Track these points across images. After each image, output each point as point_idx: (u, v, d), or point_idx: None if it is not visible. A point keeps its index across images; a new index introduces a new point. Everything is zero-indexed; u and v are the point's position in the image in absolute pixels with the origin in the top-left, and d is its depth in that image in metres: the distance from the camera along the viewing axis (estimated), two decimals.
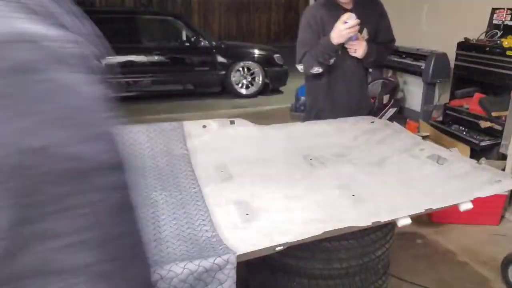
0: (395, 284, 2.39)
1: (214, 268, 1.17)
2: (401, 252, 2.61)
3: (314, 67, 2.46)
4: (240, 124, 2.33)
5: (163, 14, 8.87)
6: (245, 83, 7.39)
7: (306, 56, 2.47)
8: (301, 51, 2.51)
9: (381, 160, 2.06)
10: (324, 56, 2.38)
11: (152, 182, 1.80)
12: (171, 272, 1.12)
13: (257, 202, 1.66)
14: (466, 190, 1.65)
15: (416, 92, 4.78)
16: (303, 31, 2.53)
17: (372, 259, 1.76)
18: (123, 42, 6.83)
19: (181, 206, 1.63)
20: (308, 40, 2.48)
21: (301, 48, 2.53)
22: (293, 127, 2.46)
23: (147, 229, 1.47)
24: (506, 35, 3.55)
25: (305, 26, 2.51)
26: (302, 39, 2.54)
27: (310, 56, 2.45)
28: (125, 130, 2.11)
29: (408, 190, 1.75)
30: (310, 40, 2.47)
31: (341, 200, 1.68)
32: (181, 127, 2.20)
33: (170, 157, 2.02)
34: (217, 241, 1.36)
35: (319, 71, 2.47)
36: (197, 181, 1.81)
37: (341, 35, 2.29)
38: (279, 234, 1.38)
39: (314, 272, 1.70)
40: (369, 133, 2.37)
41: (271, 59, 7.45)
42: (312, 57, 2.43)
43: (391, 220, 1.49)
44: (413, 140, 2.16)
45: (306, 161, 2.07)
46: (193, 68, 7.08)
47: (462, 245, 2.86)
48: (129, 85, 6.72)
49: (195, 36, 7.10)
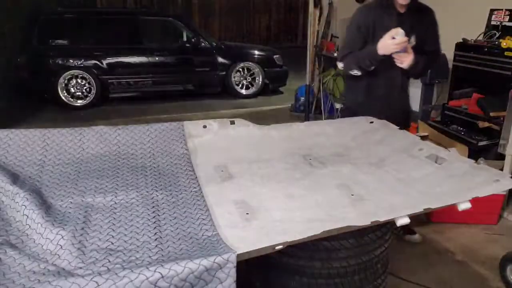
0: (394, 283, 2.40)
1: (214, 267, 1.19)
2: (400, 251, 2.63)
3: (354, 70, 2.47)
4: (240, 124, 2.34)
5: (163, 15, 8.87)
6: (245, 84, 7.40)
7: (349, 57, 2.47)
8: (345, 50, 2.52)
9: (380, 160, 2.07)
10: (365, 63, 2.39)
11: (152, 182, 1.81)
12: (172, 271, 1.13)
13: (257, 201, 1.67)
14: (465, 189, 1.66)
15: (414, 92, 4.77)
16: (350, 31, 2.52)
17: (371, 258, 1.77)
18: (124, 43, 6.85)
19: (181, 206, 1.64)
20: (353, 41, 2.48)
21: (345, 47, 2.53)
22: (293, 127, 2.47)
23: (148, 228, 1.48)
24: (504, 36, 3.56)
25: (354, 26, 2.48)
26: (348, 38, 2.54)
27: (352, 58, 2.45)
28: (126, 130, 2.13)
29: (407, 190, 1.77)
30: (355, 42, 2.46)
31: (341, 200, 1.69)
32: (182, 127, 2.21)
33: (171, 157, 2.04)
34: (217, 240, 1.37)
35: (357, 74, 2.47)
36: (197, 181, 1.83)
37: (388, 49, 2.29)
38: (279, 233, 1.40)
39: (314, 271, 1.71)
40: (368, 133, 2.38)
41: (271, 59, 7.47)
42: (354, 60, 2.44)
43: (390, 220, 1.50)
44: (412, 140, 2.18)
45: (305, 161, 2.09)
46: (194, 68, 7.09)
47: (461, 244, 2.87)
48: (130, 86, 6.74)
49: (195, 37, 7.11)
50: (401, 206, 1.60)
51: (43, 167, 1.85)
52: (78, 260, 1.29)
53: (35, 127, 2.07)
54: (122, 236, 1.44)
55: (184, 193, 1.73)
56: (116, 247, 1.38)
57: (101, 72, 6.53)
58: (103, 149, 2.03)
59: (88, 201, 1.64)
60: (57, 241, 1.36)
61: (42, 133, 2.00)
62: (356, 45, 2.45)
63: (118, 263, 1.29)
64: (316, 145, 2.29)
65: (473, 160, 1.88)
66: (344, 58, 2.50)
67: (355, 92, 2.64)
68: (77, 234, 1.41)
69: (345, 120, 2.53)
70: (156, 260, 1.30)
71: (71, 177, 1.82)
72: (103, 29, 6.76)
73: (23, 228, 1.45)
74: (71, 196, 1.67)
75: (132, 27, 6.92)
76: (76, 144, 2.01)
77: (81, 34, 6.60)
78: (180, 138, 2.15)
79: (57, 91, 6.37)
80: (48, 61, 6.36)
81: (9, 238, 1.40)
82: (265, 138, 2.32)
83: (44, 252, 1.34)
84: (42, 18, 6.48)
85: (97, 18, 6.93)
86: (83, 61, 6.45)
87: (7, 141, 1.91)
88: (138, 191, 1.72)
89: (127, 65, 6.70)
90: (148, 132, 2.14)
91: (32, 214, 1.47)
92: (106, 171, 1.88)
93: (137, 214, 1.57)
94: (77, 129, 2.08)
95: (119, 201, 1.65)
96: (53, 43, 6.46)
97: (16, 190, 1.58)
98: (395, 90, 2.57)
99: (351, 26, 2.51)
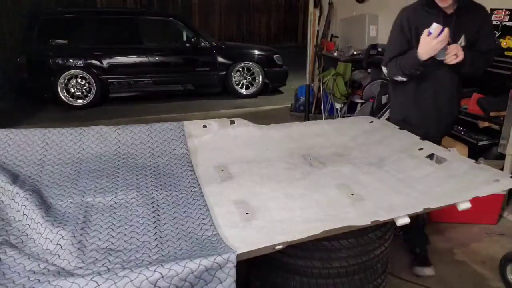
0: (394, 283, 2.40)
1: (214, 267, 1.19)
2: (400, 251, 2.63)
3: (398, 76, 2.32)
4: (240, 124, 2.34)
5: (163, 15, 8.87)
6: (245, 84, 7.41)
7: (392, 62, 2.32)
8: (388, 54, 2.37)
9: (380, 159, 2.07)
10: (410, 70, 2.23)
11: (152, 182, 1.81)
12: (172, 271, 1.13)
13: (257, 201, 1.67)
14: (465, 189, 1.66)
15: None
16: (393, 34, 2.37)
17: (371, 258, 1.77)
18: (124, 43, 6.85)
19: (181, 206, 1.64)
20: (396, 45, 2.33)
21: (388, 51, 2.38)
22: (293, 127, 2.47)
23: (148, 228, 1.48)
24: (505, 36, 3.56)
25: (397, 29, 2.33)
26: (391, 42, 2.40)
27: (395, 64, 2.29)
28: (126, 130, 2.13)
29: (406, 190, 1.77)
30: (399, 46, 2.32)
31: (341, 200, 1.69)
32: (182, 127, 2.21)
33: (171, 157, 2.04)
34: (217, 240, 1.38)
35: (403, 80, 2.32)
36: (197, 181, 1.83)
37: (430, 49, 2.10)
38: (279, 233, 1.40)
39: (314, 271, 1.71)
40: (368, 133, 2.38)
41: (271, 59, 7.48)
42: (397, 67, 2.28)
43: (390, 219, 1.50)
44: (412, 140, 2.18)
45: (305, 161, 2.09)
46: (194, 68, 7.10)
47: (461, 244, 2.87)
48: (130, 86, 6.74)
49: (195, 36, 7.12)
50: (401, 206, 1.60)
51: (43, 167, 1.86)
52: (78, 260, 1.29)
53: (35, 127, 2.07)
54: (122, 236, 1.44)
55: (184, 193, 1.73)
56: (116, 247, 1.38)
57: (101, 71, 6.52)
58: (103, 149, 2.03)
59: (88, 201, 1.64)
60: (57, 241, 1.36)
61: (42, 133, 2.00)
62: (398, 48, 2.31)
63: (118, 263, 1.29)
64: (316, 145, 2.30)
65: (473, 160, 1.88)
66: (388, 62, 2.35)
67: (401, 99, 2.48)
68: (77, 234, 1.41)
69: (345, 120, 2.53)
70: (156, 260, 1.30)
71: (71, 177, 1.82)
72: (103, 29, 6.75)
73: (23, 228, 1.45)
74: (71, 196, 1.67)
75: (132, 27, 6.91)
76: (76, 144, 2.01)
77: (81, 34, 6.59)
78: (180, 138, 2.15)
79: (57, 91, 6.37)
80: (48, 61, 6.36)
81: (9, 238, 1.40)
82: (265, 138, 2.32)
83: (44, 252, 1.34)
84: (42, 18, 6.47)
85: (97, 18, 6.92)
86: (83, 61, 6.45)
87: (7, 141, 1.91)
88: (138, 191, 1.72)
89: (127, 65, 6.70)
90: (148, 132, 2.14)
91: (32, 214, 1.47)
92: (106, 171, 1.88)
93: (137, 214, 1.57)
94: (77, 129, 2.08)
95: (119, 201, 1.65)
96: (53, 43, 6.45)
97: (16, 190, 1.58)
98: (444, 92, 2.36)
99: (394, 27, 2.36)
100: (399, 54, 2.29)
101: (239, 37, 13.90)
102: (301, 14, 14.57)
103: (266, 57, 7.48)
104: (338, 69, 5.01)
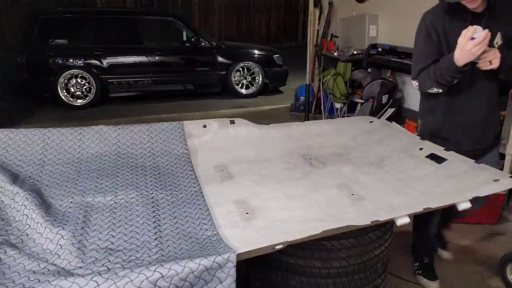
0: (394, 282, 2.40)
1: (214, 267, 1.19)
2: (400, 251, 2.63)
3: (433, 88, 2.06)
4: (240, 124, 2.34)
5: (163, 14, 8.87)
6: (245, 83, 7.41)
7: (423, 74, 2.07)
8: (417, 66, 2.10)
9: (380, 159, 2.07)
10: (446, 78, 1.96)
11: (152, 181, 1.81)
12: (172, 271, 1.13)
13: (257, 201, 1.67)
14: (465, 189, 1.66)
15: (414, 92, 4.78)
16: (420, 42, 2.12)
17: (371, 258, 1.77)
18: (124, 43, 6.85)
19: (181, 205, 1.64)
20: (425, 54, 2.07)
21: (417, 62, 2.11)
22: (293, 127, 2.47)
23: (148, 228, 1.48)
24: None
25: (423, 36, 2.08)
26: (418, 52, 2.13)
27: (427, 75, 2.04)
28: (126, 130, 2.13)
29: (406, 190, 1.77)
30: (428, 55, 2.06)
31: (341, 200, 1.70)
32: (182, 127, 2.21)
33: (171, 157, 2.04)
34: (217, 240, 1.38)
35: (438, 91, 2.06)
36: (197, 181, 1.83)
37: (470, 54, 1.84)
38: (279, 233, 1.40)
39: (314, 270, 1.71)
40: (368, 133, 2.38)
41: (270, 59, 7.48)
42: (430, 78, 2.02)
43: (390, 219, 1.50)
44: (412, 140, 2.18)
45: (305, 161, 2.09)
46: (194, 68, 7.10)
47: (460, 243, 2.87)
48: (130, 85, 6.74)
49: (195, 36, 7.12)
50: (401, 206, 1.61)
51: (43, 167, 1.86)
52: (78, 260, 1.29)
53: (35, 127, 2.07)
54: (122, 235, 1.44)
55: (184, 192, 1.73)
56: (116, 246, 1.38)
57: (101, 71, 6.52)
58: (103, 149, 2.03)
59: (88, 201, 1.64)
60: (57, 241, 1.36)
61: (42, 133, 2.00)
62: (428, 57, 2.06)
63: (118, 263, 1.29)
64: (316, 145, 2.30)
65: (473, 160, 1.88)
66: (418, 75, 2.11)
67: (432, 110, 2.23)
68: (77, 234, 1.41)
69: (345, 120, 2.53)
70: (156, 260, 1.30)
71: (71, 177, 1.82)
72: (103, 28, 6.75)
73: (23, 228, 1.45)
74: (71, 195, 1.67)
75: (132, 27, 6.91)
76: (76, 144, 2.01)
77: (81, 34, 6.59)
78: (180, 138, 2.15)
79: (57, 91, 6.36)
80: (48, 61, 6.35)
81: (9, 237, 1.40)
82: (265, 137, 2.32)
83: (44, 251, 1.34)
84: (42, 18, 6.47)
85: (97, 18, 6.92)
86: (83, 61, 6.45)
87: (7, 140, 1.91)
88: (138, 191, 1.72)
89: (127, 65, 6.69)
90: (148, 132, 2.14)
91: (32, 214, 1.47)
92: (106, 170, 1.88)
93: (137, 214, 1.57)
94: (77, 129, 2.08)
95: (119, 201, 1.65)
96: (53, 43, 6.45)
97: (16, 190, 1.58)
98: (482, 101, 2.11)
99: (420, 35, 2.11)
100: (431, 63, 2.05)
101: (239, 37, 13.91)
102: (301, 14, 14.58)
103: (266, 57, 7.48)
104: (338, 69, 5.01)
